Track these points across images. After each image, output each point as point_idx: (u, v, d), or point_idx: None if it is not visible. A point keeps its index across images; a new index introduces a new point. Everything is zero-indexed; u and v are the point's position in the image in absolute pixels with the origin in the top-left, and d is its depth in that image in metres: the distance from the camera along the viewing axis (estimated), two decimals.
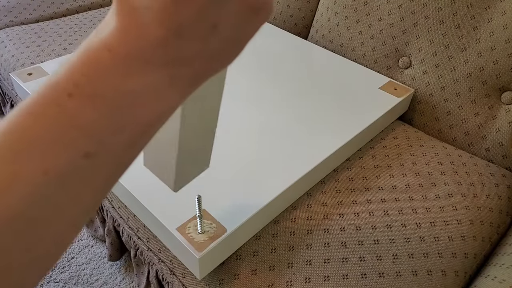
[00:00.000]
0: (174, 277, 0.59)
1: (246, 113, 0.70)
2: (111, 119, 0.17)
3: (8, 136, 0.16)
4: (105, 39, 0.17)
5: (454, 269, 0.54)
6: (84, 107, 0.17)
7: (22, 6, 1.15)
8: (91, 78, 0.17)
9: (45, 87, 0.17)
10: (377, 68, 0.87)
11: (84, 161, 0.17)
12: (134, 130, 0.18)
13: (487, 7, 0.73)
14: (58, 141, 0.16)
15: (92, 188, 0.18)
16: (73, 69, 0.17)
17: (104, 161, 0.18)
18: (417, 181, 0.65)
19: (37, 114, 0.17)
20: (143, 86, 0.18)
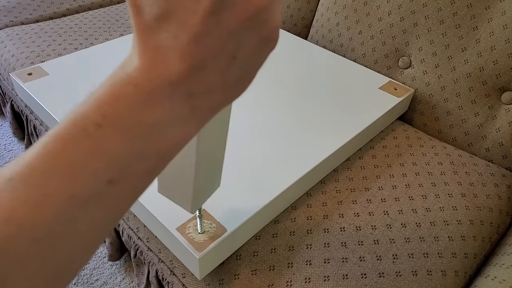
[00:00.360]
0: (174, 277, 0.59)
1: (246, 113, 0.70)
2: (134, 148, 0.19)
3: (40, 159, 0.18)
4: (130, 74, 0.19)
5: (454, 269, 0.54)
6: (111, 137, 0.18)
7: (22, 6, 1.15)
8: (117, 110, 0.18)
9: (75, 116, 0.18)
10: (377, 68, 0.87)
11: (108, 186, 0.18)
12: (154, 158, 0.19)
13: (487, 7, 0.73)
14: (86, 168, 0.18)
15: (111, 212, 0.19)
16: (101, 101, 0.18)
17: (124, 188, 0.19)
18: (417, 181, 0.65)
19: (68, 141, 0.18)
20: (165, 117, 0.19)
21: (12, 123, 1.11)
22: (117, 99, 0.18)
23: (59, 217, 0.17)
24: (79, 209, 0.18)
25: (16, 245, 0.16)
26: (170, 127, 0.19)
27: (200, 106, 0.19)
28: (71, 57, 0.84)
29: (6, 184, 0.17)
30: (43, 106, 0.69)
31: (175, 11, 0.17)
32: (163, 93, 0.18)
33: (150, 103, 0.18)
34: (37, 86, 0.74)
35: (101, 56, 0.85)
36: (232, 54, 0.19)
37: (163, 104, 0.18)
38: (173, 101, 0.19)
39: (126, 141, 0.18)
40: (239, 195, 0.54)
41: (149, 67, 0.18)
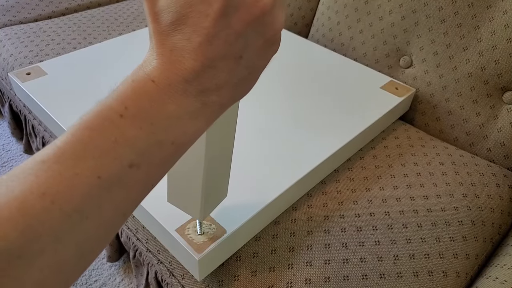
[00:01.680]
0: (173, 278, 0.58)
1: (246, 113, 0.69)
2: (152, 136, 0.21)
3: (71, 145, 0.20)
4: (149, 73, 0.21)
5: (456, 270, 0.54)
6: (132, 126, 0.20)
7: (20, 5, 1.14)
8: (138, 103, 0.21)
9: (100, 107, 0.21)
10: (378, 67, 0.87)
11: (129, 170, 0.20)
12: (169, 148, 0.22)
13: (488, 6, 0.72)
14: (110, 152, 0.20)
15: (130, 195, 0.21)
16: (124, 95, 0.21)
17: (143, 173, 0.21)
18: (418, 182, 0.65)
19: (94, 129, 0.20)
20: (179, 111, 0.21)
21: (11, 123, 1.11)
22: (138, 94, 0.21)
23: (87, 195, 0.19)
24: (104, 189, 0.20)
25: (49, 217, 0.18)
26: (183, 120, 0.21)
27: (211, 102, 0.22)
28: (69, 56, 0.83)
29: (40, 165, 0.19)
30: (41, 106, 0.69)
31: (188, 16, 0.20)
32: (178, 89, 0.21)
33: (166, 98, 0.21)
34: (35, 85, 0.74)
35: (100, 55, 0.84)
36: (239, 54, 0.21)
37: (178, 99, 0.21)
38: (187, 96, 0.21)
39: (145, 130, 0.21)
40: (239, 196, 0.54)
41: (166, 66, 0.21)
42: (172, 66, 0.20)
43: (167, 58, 0.21)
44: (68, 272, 0.20)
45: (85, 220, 0.19)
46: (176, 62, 0.20)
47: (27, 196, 0.18)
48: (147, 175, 0.21)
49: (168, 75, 0.21)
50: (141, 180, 0.21)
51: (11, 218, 0.18)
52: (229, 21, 0.20)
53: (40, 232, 0.18)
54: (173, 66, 0.20)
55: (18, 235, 0.18)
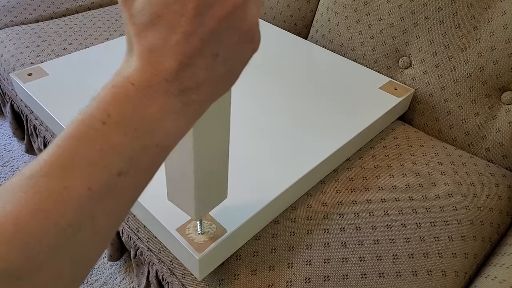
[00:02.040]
0: (174, 277, 0.59)
1: (246, 113, 0.70)
2: (137, 142, 0.21)
3: (57, 157, 0.19)
4: (129, 75, 0.21)
5: (454, 269, 0.54)
6: (116, 132, 0.20)
7: (22, 6, 1.15)
8: (120, 108, 0.20)
9: (82, 116, 0.20)
10: (377, 68, 0.87)
11: (118, 178, 0.20)
12: (155, 150, 0.22)
13: (487, 7, 0.72)
14: (98, 161, 0.20)
15: (122, 203, 0.21)
16: (105, 101, 0.21)
17: (132, 179, 0.21)
18: (417, 181, 0.65)
19: (79, 139, 0.20)
20: (161, 112, 0.21)
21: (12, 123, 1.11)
22: (119, 99, 0.20)
23: (79, 208, 0.19)
24: (95, 200, 0.20)
25: (45, 233, 0.18)
26: (166, 121, 0.21)
27: (191, 101, 0.22)
28: (71, 57, 0.84)
29: (28, 180, 0.19)
30: (43, 106, 0.69)
31: (164, 16, 0.20)
32: (159, 90, 0.21)
33: (147, 100, 0.21)
34: (37, 86, 0.74)
35: (101, 56, 0.85)
36: (215, 51, 0.21)
37: (159, 100, 0.21)
38: (168, 97, 0.21)
39: (130, 136, 0.20)
40: (239, 195, 0.54)
41: (146, 68, 0.20)
42: (152, 67, 0.20)
43: (146, 60, 0.21)
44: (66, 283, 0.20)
45: (79, 233, 0.19)
46: (155, 62, 0.20)
47: (20, 213, 0.18)
48: (135, 180, 0.21)
49: (148, 77, 0.20)
50: (130, 186, 0.21)
51: (8, 237, 0.17)
52: (204, 18, 0.20)
53: (37, 249, 0.18)
54: (153, 67, 0.20)
55: (17, 256, 0.17)
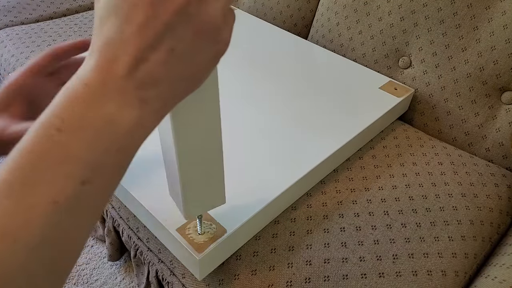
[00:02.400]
0: (174, 277, 0.59)
1: (245, 113, 0.70)
2: (96, 146, 0.19)
3: (16, 173, 0.18)
4: (81, 76, 0.20)
5: (454, 269, 0.54)
6: (73, 139, 0.19)
7: (21, 6, 1.14)
8: (74, 112, 0.19)
9: (37, 126, 0.19)
10: (377, 68, 0.87)
11: (83, 187, 0.19)
12: (116, 153, 0.20)
13: (487, 7, 0.72)
14: (58, 173, 0.19)
15: (91, 211, 0.20)
16: (59, 106, 0.19)
17: (98, 186, 0.20)
18: (417, 181, 0.65)
19: (36, 151, 0.19)
20: (119, 112, 0.20)
21: None
22: (72, 102, 0.19)
23: (48, 225, 0.18)
24: (64, 214, 0.19)
25: (17, 257, 0.17)
26: (125, 121, 0.20)
27: (149, 98, 0.21)
28: None
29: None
30: None
31: (119, 6, 0.20)
32: (113, 87, 0.20)
33: (102, 99, 0.19)
34: None
35: None
36: (170, 46, 0.20)
37: (114, 98, 0.20)
38: (124, 94, 0.20)
39: (87, 140, 0.19)
40: (239, 195, 0.54)
41: (100, 65, 0.20)
42: (106, 63, 0.20)
43: (102, 56, 0.20)
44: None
45: (51, 249, 0.19)
46: (110, 58, 0.20)
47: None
48: (102, 187, 0.20)
49: (103, 75, 0.20)
50: (97, 193, 0.20)
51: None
52: (157, 10, 0.19)
53: (13, 275, 0.17)
54: (107, 63, 0.20)
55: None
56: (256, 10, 1.10)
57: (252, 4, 1.10)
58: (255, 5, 1.10)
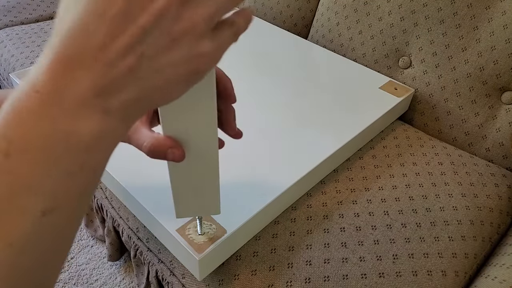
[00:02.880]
0: (174, 278, 0.59)
1: (245, 113, 0.70)
2: (55, 169, 0.16)
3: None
4: (32, 80, 0.16)
5: (454, 269, 0.54)
6: (25, 164, 0.16)
7: (21, 6, 1.14)
8: (23, 129, 0.16)
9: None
10: (377, 68, 0.87)
11: (44, 219, 0.16)
12: (81, 175, 0.17)
13: (487, 7, 0.72)
14: (12, 209, 0.16)
15: (58, 241, 0.18)
16: (4, 123, 0.16)
17: (62, 214, 0.17)
18: (417, 181, 0.65)
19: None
20: (76, 124, 0.17)
21: None
22: (20, 116, 0.16)
23: (6, 272, 0.16)
24: (23, 255, 0.16)
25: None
26: (84, 136, 0.17)
27: (112, 108, 0.18)
28: None
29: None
30: None
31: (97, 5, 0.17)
32: (70, 95, 0.16)
33: (56, 110, 0.16)
34: None
35: None
36: (140, 51, 0.18)
37: (71, 109, 0.16)
38: (82, 104, 0.17)
39: (43, 164, 0.16)
40: (239, 196, 0.54)
41: (52, 66, 0.16)
42: (63, 64, 0.16)
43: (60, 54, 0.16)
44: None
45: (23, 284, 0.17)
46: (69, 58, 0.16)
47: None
48: (68, 213, 0.18)
49: (57, 78, 0.16)
50: (64, 221, 0.17)
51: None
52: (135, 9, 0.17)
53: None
54: (64, 65, 0.16)
55: None
56: (256, 10, 1.10)
57: (252, 4, 1.10)
58: (255, 5, 1.10)
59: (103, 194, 0.73)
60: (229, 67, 0.82)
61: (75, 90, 0.16)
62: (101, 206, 0.77)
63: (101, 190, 0.73)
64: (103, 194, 0.73)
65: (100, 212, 0.79)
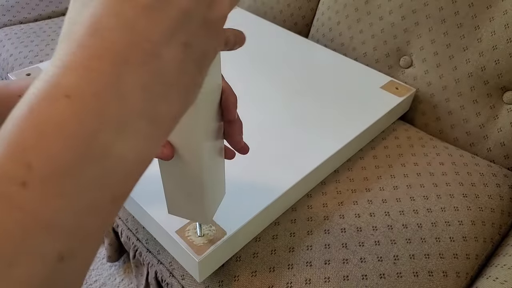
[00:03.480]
0: (173, 279, 0.58)
1: (245, 113, 0.69)
2: (82, 202, 0.13)
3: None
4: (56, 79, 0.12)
5: (456, 270, 0.54)
6: (46, 197, 0.12)
7: (20, 5, 1.14)
8: (47, 148, 0.12)
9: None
10: (378, 67, 0.87)
11: (60, 265, 0.13)
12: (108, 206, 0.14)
13: (488, 6, 0.72)
14: (25, 253, 0.12)
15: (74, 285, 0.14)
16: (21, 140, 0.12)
17: (80, 257, 0.14)
18: (418, 182, 0.65)
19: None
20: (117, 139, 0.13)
21: None
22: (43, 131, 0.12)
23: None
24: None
25: None
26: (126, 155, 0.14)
27: (161, 115, 0.14)
28: None
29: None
30: None
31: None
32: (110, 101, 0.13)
33: (97, 123, 0.12)
34: None
35: None
36: (185, 40, 0.14)
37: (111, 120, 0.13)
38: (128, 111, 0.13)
39: (68, 197, 0.12)
40: (239, 197, 0.54)
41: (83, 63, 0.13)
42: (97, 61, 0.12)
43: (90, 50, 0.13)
44: None
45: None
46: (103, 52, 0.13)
47: None
48: (85, 257, 0.14)
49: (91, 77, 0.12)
50: (80, 266, 0.14)
51: None
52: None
53: None
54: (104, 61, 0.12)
55: None
56: (256, 9, 1.09)
57: (252, 3, 1.10)
58: (255, 3, 1.09)
59: None
60: (229, 66, 0.81)
61: (119, 93, 0.13)
62: None
63: None
64: None
65: None
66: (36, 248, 0.12)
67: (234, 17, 1.01)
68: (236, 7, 1.09)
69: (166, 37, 0.14)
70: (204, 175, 0.35)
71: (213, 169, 0.37)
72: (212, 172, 0.37)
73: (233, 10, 1.05)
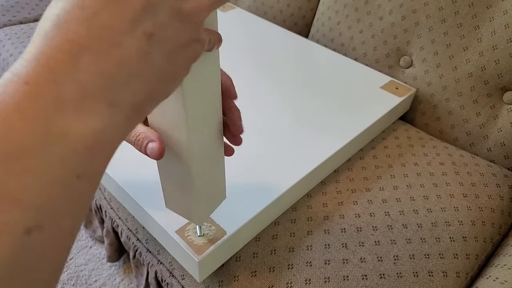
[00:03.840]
0: (173, 279, 0.58)
1: (245, 113, 0.69)
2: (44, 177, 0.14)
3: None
4: (18, 70, 0.14)
5: (456, 270, 0.54)
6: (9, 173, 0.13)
7: (20, 5, 1.14)
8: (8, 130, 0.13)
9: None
10: (378, 67, 0.87)
11: (28, 237, 0.14)
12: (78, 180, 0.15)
13: (488, 6, 0.72)
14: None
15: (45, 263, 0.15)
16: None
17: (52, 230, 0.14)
18: (418, 182, 0.65)
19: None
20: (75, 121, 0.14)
21: None
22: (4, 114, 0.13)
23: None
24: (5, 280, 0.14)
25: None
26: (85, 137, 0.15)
27: (120, 101, 0.15)
28: None
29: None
30: None
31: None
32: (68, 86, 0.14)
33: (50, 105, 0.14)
34: None
35: None
36: (149, 30, 0.15)
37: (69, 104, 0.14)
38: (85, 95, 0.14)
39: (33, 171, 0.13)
40: (238, 197, 0.54)
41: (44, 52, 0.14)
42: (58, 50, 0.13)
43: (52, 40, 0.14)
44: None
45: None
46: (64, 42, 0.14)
47: None
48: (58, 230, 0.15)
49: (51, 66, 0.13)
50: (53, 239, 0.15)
51: None
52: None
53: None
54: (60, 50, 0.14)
55: None
56: (256, 9, 1.09)
57: (251, 3, 1.10)
58: (255, 3, 1.09)
59: (102, 194, 0.72)
60: (229, 66, 0.81)
61: (78, 79, 0.14)
62: (100, 207, 0.76)
63: (99, 191, 0.73)
64: (102, 195, 0.72)
65: (99, 213, 0.79)
66: (3, 221, 0.13)
67: (234, 17, 1.01)
68: (236, 7, 1.09)
69: (129, 27, 0.15)
70: (195, 174, 0.34)
71: (208, 170, 0.37)
72: (206, 172, 0.36)
73: (233, 10, 1.05)
